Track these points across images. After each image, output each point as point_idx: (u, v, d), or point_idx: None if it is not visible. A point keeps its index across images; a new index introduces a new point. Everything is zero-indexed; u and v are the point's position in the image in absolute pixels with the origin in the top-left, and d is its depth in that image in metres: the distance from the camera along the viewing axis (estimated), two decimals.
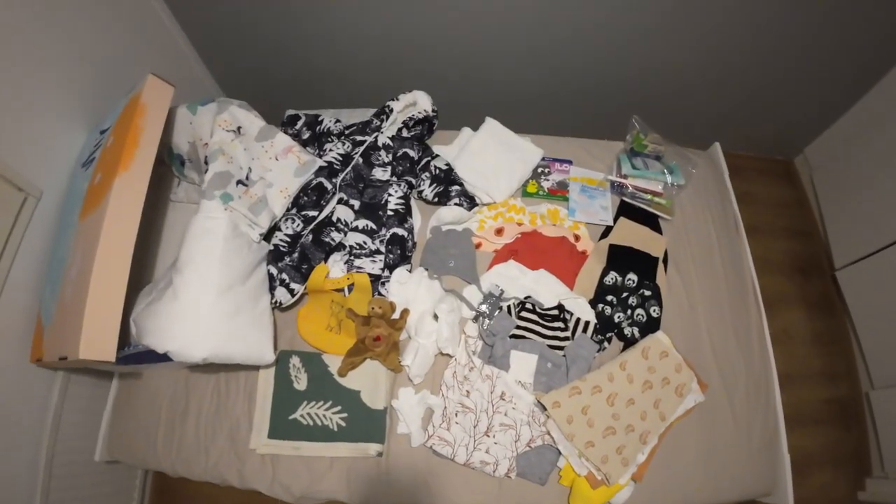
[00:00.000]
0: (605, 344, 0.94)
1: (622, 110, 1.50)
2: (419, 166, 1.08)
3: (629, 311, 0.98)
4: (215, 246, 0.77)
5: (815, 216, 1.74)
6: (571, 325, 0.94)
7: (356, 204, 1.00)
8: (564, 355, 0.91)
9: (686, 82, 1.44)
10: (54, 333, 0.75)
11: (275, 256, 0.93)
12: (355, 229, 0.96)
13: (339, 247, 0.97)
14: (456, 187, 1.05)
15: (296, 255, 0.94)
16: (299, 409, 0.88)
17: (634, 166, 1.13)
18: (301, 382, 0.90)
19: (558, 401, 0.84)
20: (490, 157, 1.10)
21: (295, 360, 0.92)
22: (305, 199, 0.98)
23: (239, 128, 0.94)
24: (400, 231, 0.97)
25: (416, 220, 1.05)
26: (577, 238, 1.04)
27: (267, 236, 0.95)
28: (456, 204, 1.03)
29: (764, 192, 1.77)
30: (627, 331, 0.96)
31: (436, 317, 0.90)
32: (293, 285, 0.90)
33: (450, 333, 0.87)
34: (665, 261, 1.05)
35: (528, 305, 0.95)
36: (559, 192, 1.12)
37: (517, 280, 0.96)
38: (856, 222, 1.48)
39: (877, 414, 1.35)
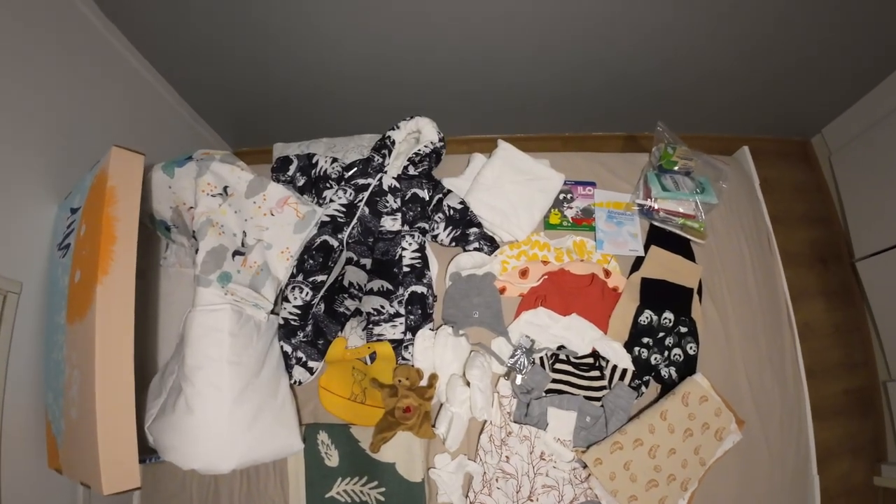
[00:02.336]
0: (643, 388, 0.91)
1: (637, 99, 1.39)
2: (431, 206, 0.99)
3: (666, 353, 0.93)
4: (222, 345, 0.71)
5: (834, 201, 1.68)
6: (608, 372, 0.89)
7: (367, 263, 0.91)
8: (602, 405, 0.87)
9: (701, 60, 1.31)
10: (70, 453, 0.69)
11: (286, 333, 0.86)
12: (370, 292, 0.89)
13: (356, 312, 0.90)
14: (474, 230, 0.96)
15: (309, 328, 0.86)
16: (335, 487, 0.85)
17: (664, 187, 1.04)
18: (332, 459, 0.86)
19: (600, 457, 0.81)
20: (507, 189, 1.00)
21: (323, 437, 0.87)
22: (311, 262, 0.89)
23: (226, 188, 0.83)
24: (419, 288, 0.90)
25: (433, 267, 0.97)
26: (607, 274, 0.98)
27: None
28: (475, 249, 0.95)
29: (780, 176, 1.70)
30: (665, 372, 0.92)
31: (468, 382, 0.85)
32: (311, 363, 0.84)
33: (484, 401, 0.82)
34: (699, 290, 0.99)
35: (563, 356, 0.90)
36: (584, 221, 1.04)
37: (548, 329, 0.91)
38: (878, 210, 1.43)
39: (894, 403, 1.37)
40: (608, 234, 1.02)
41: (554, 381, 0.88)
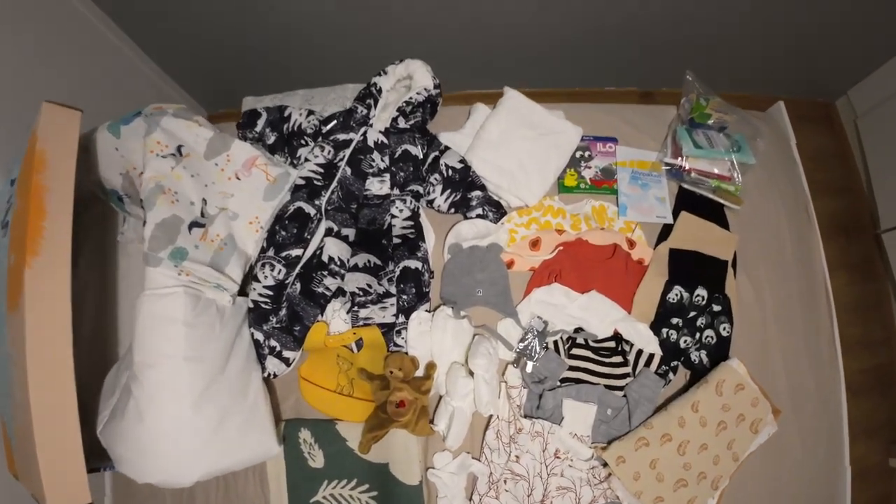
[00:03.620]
0: (670, 375, 0.79)
1: (653, 51, 1.23)
2: (425, 166, 0.83)
3: (697, 335, 0.81)
4: (176, 338, 0.58)
5: (859, 168, 1.55)
6: (632, 358, 0.78)
7: (351, 234, 0.76)
8: (625, 395, 0.76)
9: (724, 6, 1.15)
10: (21, 461, 0.58)
11: (256, 318, 0.72)
12: (355, 269, 0.74)
13: (338, 292, 0.76)
14: (476, 193, 0.81)
15: (283, 312, 0.73)
16: (321, 491, 0.73)
17: (697, 144, 0.90)
18: (316, 459, 0.75)
19: (622, 455, 0.70)
20: (515, 146, 0.85)
21: (305, 434, 0.75)
22: (283, 234, 0.74)
23: (180, 147, 0.69)
24: (412, 263, 0.76)
25: (429, 238, 0.83)
26: (631, 244, 0.84)
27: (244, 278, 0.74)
28: (479, 215, 0.80)
29: (799, 142, 1.56)
30: (695, 356, 0.81)
31: (471, 371, 0.72)
32: (286, 353, 0.71)
33: (490, 394, 0.70)
34: (734, 263, 0.87)
35: (580, 340, 0.78)
36: (605, 183, 0.89)
37: (563, 308, 0.78)
38: None
39: None
40: (632, 199, 0.88)
41: (570, 368, 0.76)
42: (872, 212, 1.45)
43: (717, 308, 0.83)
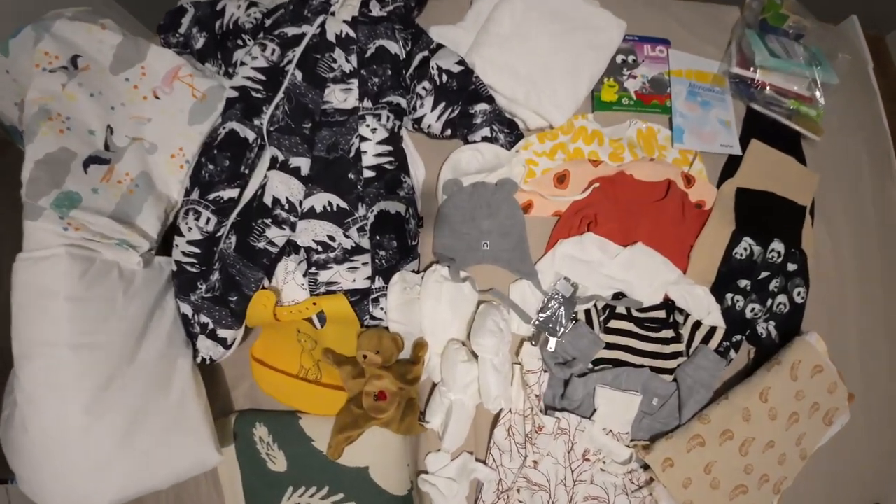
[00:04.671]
0: (732, 353, 0.62)
1: None
2: (410, 70, 0.60)
3: (769, 301, 0.64)
4: (57, 318, 0.45)
5: None
6: (686, 332, 0.59)
7: (303, 165, 0.55)
8: (675, 380, 0.58)
9: None
10: None
11: (181, 285, 0.54)
12: (311, 214, 0.53)
13: (288, 248, 0.56)
14: (482, 108, 0.59)
15: (215, 277, 0.53)
16: (285, 500, 0.58)
17: (772, 52, 0.68)
18: (277, 462, 0.59)
19: (671, 458, 0.56)
20: (535, 44, 0.62)
21: (261, 431, 0.59)
22: (212, 167, 0.55)
23: (75, 58, 0.54)
24: (392, 206, 0.55)
25: (417, 171, 0.61)
26: (688, 181, 0.64)
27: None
28: (485, 138, 0.58)
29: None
30: (762, 328, 0.64)
31: (474, 354, 0.53)
32: (222, 332, 0.53)
33: (500, 384, 0.52)
34: (811, 210, 0.69)
35: (620, 309, 0.58)
36: (654, 99, 0.68)
37: (599, 267, 0.58)
38: None
39: None
40: (690, 120, 0.67)
41: (607, 346, 0.57)
42: None
43: (792, 267, 0.66)
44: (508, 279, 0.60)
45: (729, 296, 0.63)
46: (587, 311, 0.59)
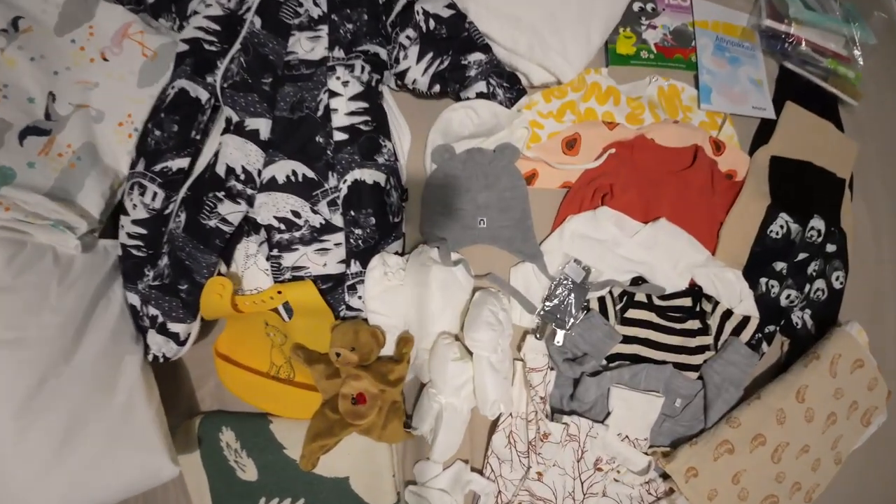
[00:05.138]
0: (764, 346, 0.55)
1: None
2: (391, 16, 0.50)
3: (807, 287, 0.56)
4: None
5: None
6: (714, 323, 0.51)
7: (262, 126, 0.46)
8: (701, 376, 0.50)
9: None
10: None
11: (127, 271, 0.47)
12: (272, 187, 0.45)
13: (248, 228, 0.47)
14: (476, 58, 0.50)
15: (164, 262, 0.45)
16: None
17: (807, 4, 0.62)
18: (247, 471, 0.53)
19: (696, 466, 0.49)
20: None
21: (227, 436, 0.52)
22: (158, 133, 0.47)
23: (16, 19, 0.48)
24: (368, 174, 0.46)
25: (402, 136, 0.52)
26: (718, 147, 0.55)
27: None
28: (481, 95, 0.49)
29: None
30: (797, 317, 0.57)
31: (468, 350, 0.45)
32: (174, 326, 0.46)
33: (499, 388, 0.44)
34: (850, 183, 0.62)
35: (640, 297, 0.50)
36: (677, 52, 0.60)
37: (615, 246, 0.50)
38: None
39: None
40: (718, 78, 0.60)
41: (624, 339, 0.49)
42: None
43: (830, 248, 0.59)
44: (509, 262, 0.52)
45: (763, 280, 0.55)
46: (601, 299, 0.51)
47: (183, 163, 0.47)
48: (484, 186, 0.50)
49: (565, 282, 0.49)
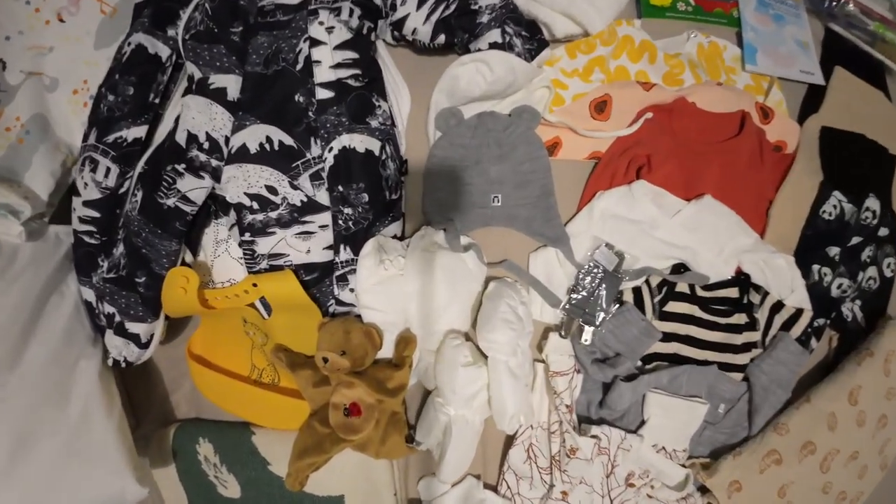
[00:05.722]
0: (813, 342, 0.48)
1: None
2: None
3: (860, 275, 0.50)
4: None
5: None
6: (763, 317, 0.44)
7: (231, 84, 0.38)
8: (746, 378, 0.44)
9: None
10: None
11: (80, 261, 0.41)
12: (242, 157, 0.37)
13: (215, 208, 0.40)
14: (488, 1, 0.40)
15: (119, 250, 0.38)
16: None
17: None
18: (229, 487, 0.47)
19: (740, 480, 0.44)
20: None
21: (205, 449, 0.47)
22: (112, 98, 0.40)
23: None
24: (360, 140, 0.38)
25: (400, 98, 0.44)
26: (765, 114, 0.48)
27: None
28: (495, 45, 0.40)
29: None
30: (847, 309, 0.50)
31: (482, 352, 0.38)
32: (133, 326, 0.40)
33: (519, 398, 0.37)
34: None
35: (681, 288, 0.43)
36: (717, 6, 0.53)
37: (652, 228, 0.43)
38: None
39: None
40: (763, 37, 0.54)
41: (664, 336, 0.42)
42: None
43: (883, 232, 0.53)
44: (528, 246, 0.44)
45: (816, 268, 0.49)
46: (636, 290, 0.43)
47: (139, 131, 0.39)
48: (498, 157, 0.42)
49: (595, 270, 0.42)
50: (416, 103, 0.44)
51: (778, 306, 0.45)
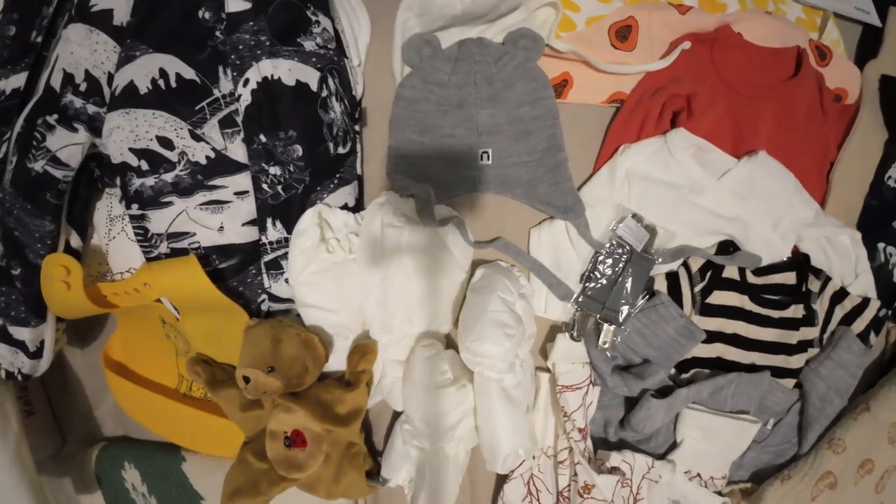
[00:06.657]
0: (871, 337, 0.40)
1: None
2: None
3: None
4: None
5: None
6: (822, 308, 0.35)
7: (119, 5, 0.28)
8: (799, 385, 0.36)
9: None
10: None
11: None
12: (127, 100, 0.27)
13: (98, 173, 0.28)
14: None
15: None
16: None
17: None
18: None
19: None
20: None
21: (132, 476, 0.39)
22: None
23: None
24: (287, 67, 0.27)
25: (360, 25, 0.32)
26: (821, 53, 0.38)
27: None
28: None
29: None
30: None
31: (467, 369, 0.28)
32: (16, 331, 0.30)
33: (518, 432, 0.27)
34: None
35: (729, 273, 0.33)
36: None
37: (695, 193, 0.33)
38: None
39: None
40: None
41: (708, 336, 0.32)
42: None
43: None
44: (530, 219, 0.34)
45: (881, 246, 0.40)
46: (671, 276, 0.33)
47: (18, 80, 0.29)
48: (488, 99, 0.31)
49: (618, 250, 0.32)
50: (379, 31, 0.33)
51: (840, 295, 0.36)
